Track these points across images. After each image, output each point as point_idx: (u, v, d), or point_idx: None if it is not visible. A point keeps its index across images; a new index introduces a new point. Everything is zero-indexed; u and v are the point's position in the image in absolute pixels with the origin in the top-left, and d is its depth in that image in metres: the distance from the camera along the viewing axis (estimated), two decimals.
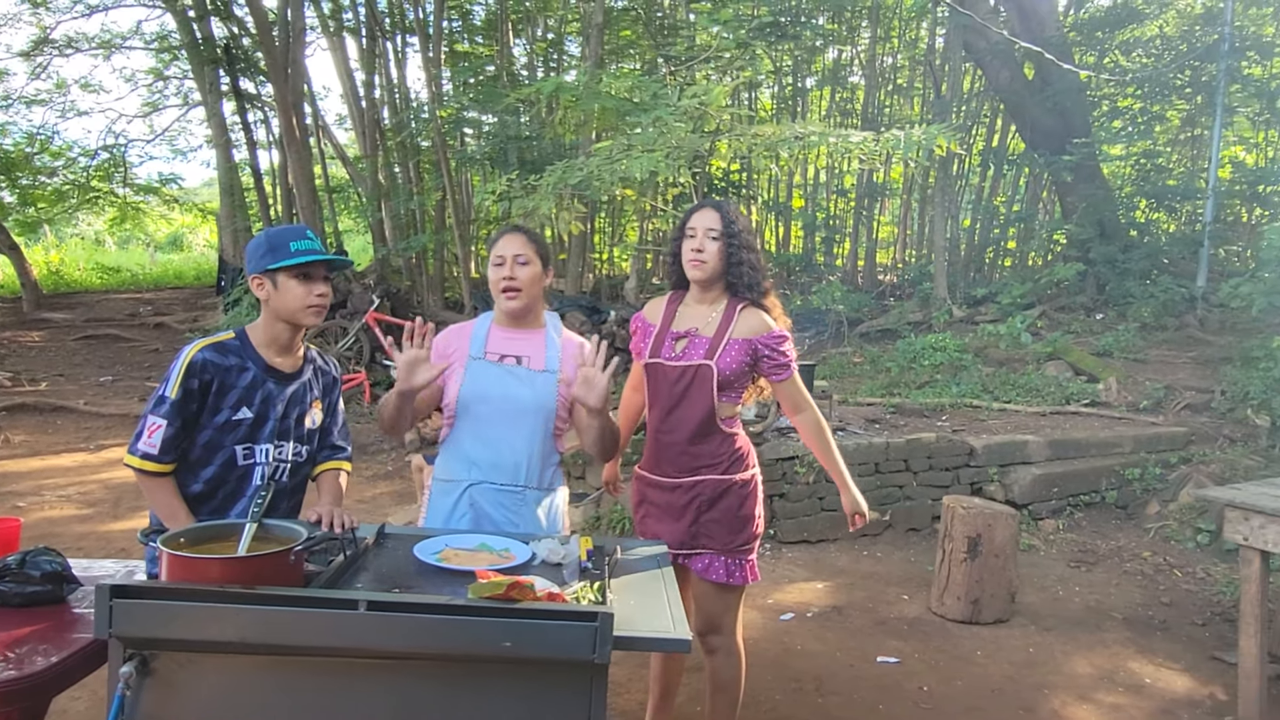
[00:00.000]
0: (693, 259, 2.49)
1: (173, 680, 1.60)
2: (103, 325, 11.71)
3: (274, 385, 2.21)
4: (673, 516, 2.54)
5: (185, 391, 2.11)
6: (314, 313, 2.21)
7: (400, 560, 2.00)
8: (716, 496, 2.52)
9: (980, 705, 3.47)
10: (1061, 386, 7.33)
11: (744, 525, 2.55)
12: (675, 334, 2.56)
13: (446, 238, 11.05)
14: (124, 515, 5.40)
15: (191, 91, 16.47)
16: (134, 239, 24.78)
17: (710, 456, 2.52)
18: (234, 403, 2.16)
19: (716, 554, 2.53)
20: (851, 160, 13.51)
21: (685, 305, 2.61)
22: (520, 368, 2.44)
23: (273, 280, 2.17)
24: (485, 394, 2.39)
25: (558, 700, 1.63)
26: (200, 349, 2.16)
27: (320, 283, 2.21)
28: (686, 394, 2.50)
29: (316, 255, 2.17)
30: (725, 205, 2.54)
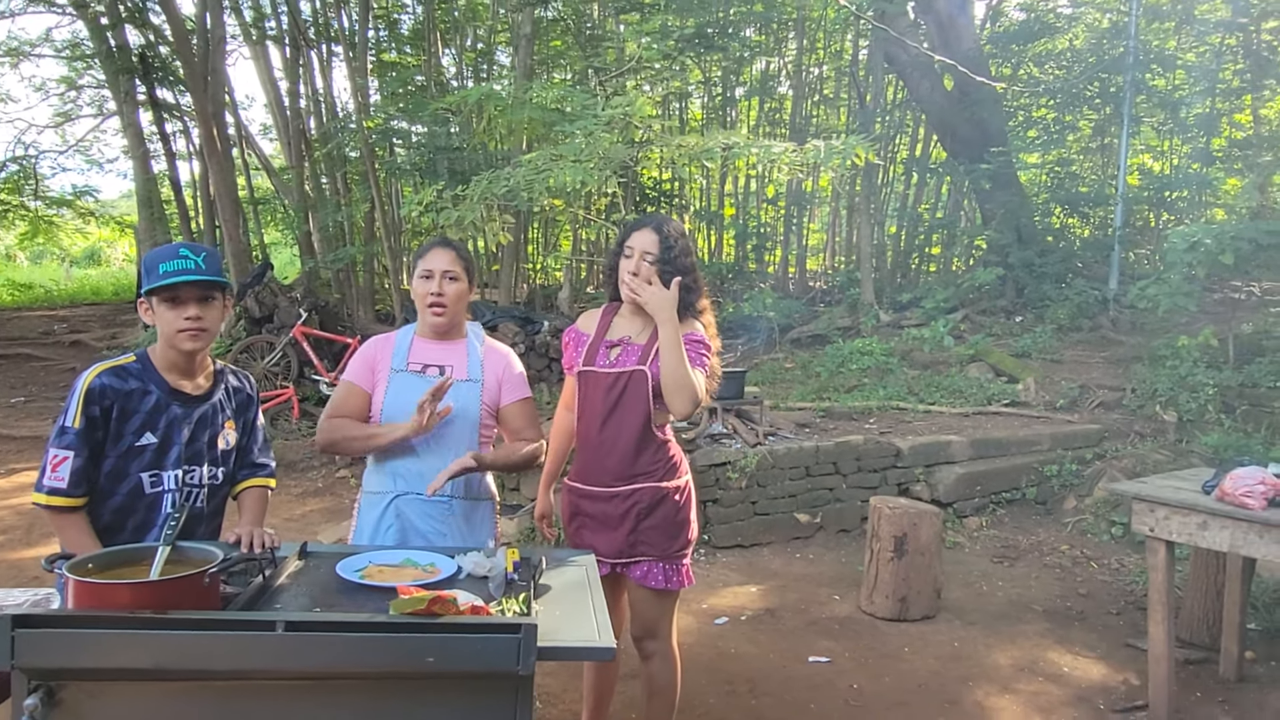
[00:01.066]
0: (630, 283, 2.48)
1: (81, 711, 1.55)
2: (14, 344, 11.20)
3: (179, 408, 2.14)
4: (610, 526, 2.54)
5: (88, 419, 2.03)
6: (187, 338, 2.08)
7: (323, 579, 1.98)
8: (654, 504, 2.52)
9: (907, 700, 3.57)
10: (983, 387, 7.58)
11: (680, 531, 2.57)
12: (609, 342, 2.57)
13: (376, 249, 10.89)
14: (36, 542, 5.18)
15: (106, 101, 15.89)
16: (48, 254, 23.76)
17: (647, 464, 2.52)
18: (136, 428, 2.08)
19: (654, 560, 2.54)
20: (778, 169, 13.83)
21: (620, 316, 2.62)
22: (443, 377, 2.44)
23: (151, 305, 2.10)
24: (408, 406, 2.38)
25: (483, 713, 1.64)
26: (98, 374, 2.08)
27: (191, 305, 2.06)
28: (621, 401, 2.50)
29: (179, 277, 2.03)
30: (664, 226, 2.51)
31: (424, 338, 2.51)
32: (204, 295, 2.10)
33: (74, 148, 17.11)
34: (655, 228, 2.50)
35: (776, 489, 5.55)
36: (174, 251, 2.08)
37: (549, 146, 4.82)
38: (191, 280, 2.05)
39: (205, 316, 2.10)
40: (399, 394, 2.41)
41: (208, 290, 2.10)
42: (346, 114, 11.74)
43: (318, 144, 11.81)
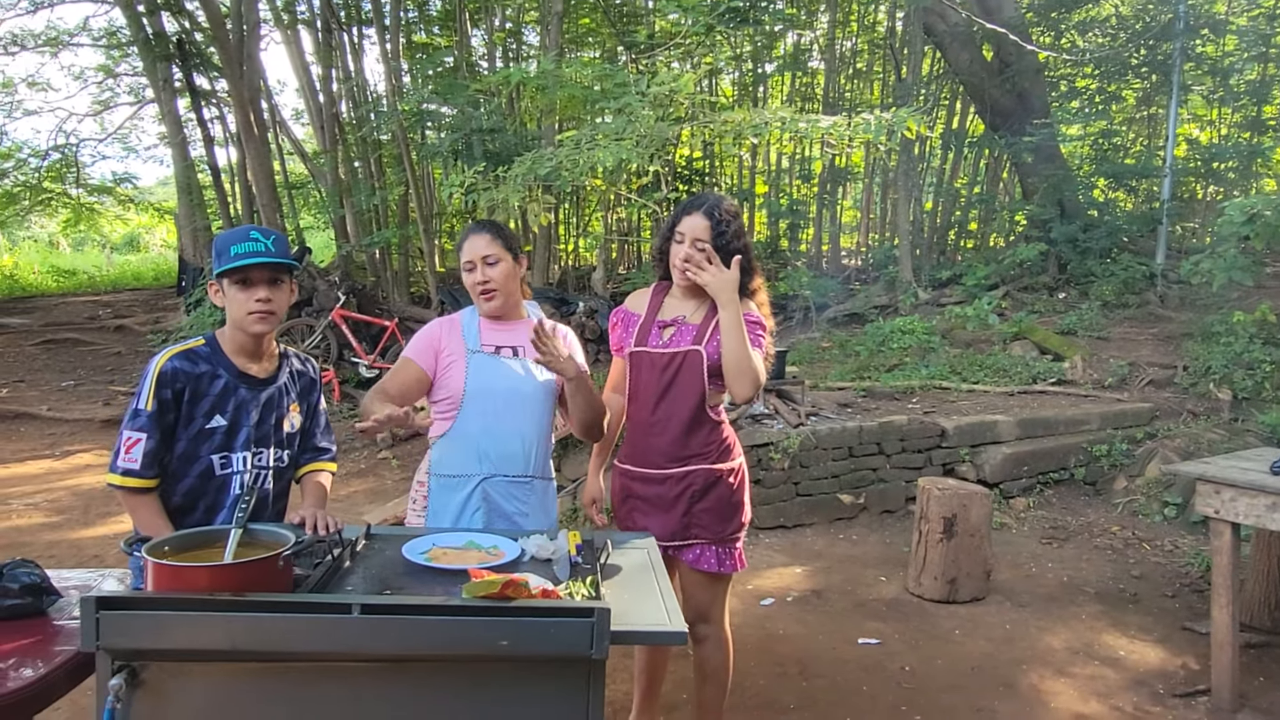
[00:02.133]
0: (682, 267, 2.43)
1: (163, 691, 1.57)
2: (61, 329, 11.43)
3: (247, 391, 2.15)
4: (662, 508, 2.52)
5: (160, 402, 2.06)
6: (256, 320, 2.09)
7: (388, 561, 1.98)
8: (708, 486, 2.49)
9: (961, 683, 3.53)
10: (1028, 366, 7.45)
11: (734, 514, 2.54)
12: (662, 322, 2.52)
13: (411, 232, 10.92)
14: (94, 522, 5.29)
15: (143, 89, 16.09)
16: (89, 240, 24.22)
17: (700, 446, 2.49)
18: (206, 411, 2.10)
19: (708, 544, 2.52)
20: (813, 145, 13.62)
21: (672, 296, 2.57)
22: (518, 359, 2.45)
23: (222, 287, 2.12)
24: (490, 386, 2.39)
25: (556, 697, 1.63)
26: (169, 358, 2.09)
27: (261, 287, 2.08)
28: (675, 381, 2.46)
29: (250, 259, 2.05)
30: (715, 208, 2.42)
31: (488, 320, 2.50)
32: (273, 278, 2.12)
33: (113, 135, 17.37)
34: (706, 212, 2.42)
35: (819, 469, 5.50)
36: (244, 234, 2.09)
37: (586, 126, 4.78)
38: (262, 262, 2.07)
39: (274, 299, 2.12)
40: (479, 373, 2.41)
41: (277, 273, 2.12)
42: (378, 97, 11.77)
43: (351, 128, 11.86)
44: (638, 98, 3.62)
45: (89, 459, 6.69)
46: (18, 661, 1.74)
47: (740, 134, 3.68)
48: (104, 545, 4.85)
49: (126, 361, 10.00)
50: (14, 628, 1.90)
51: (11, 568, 1.95)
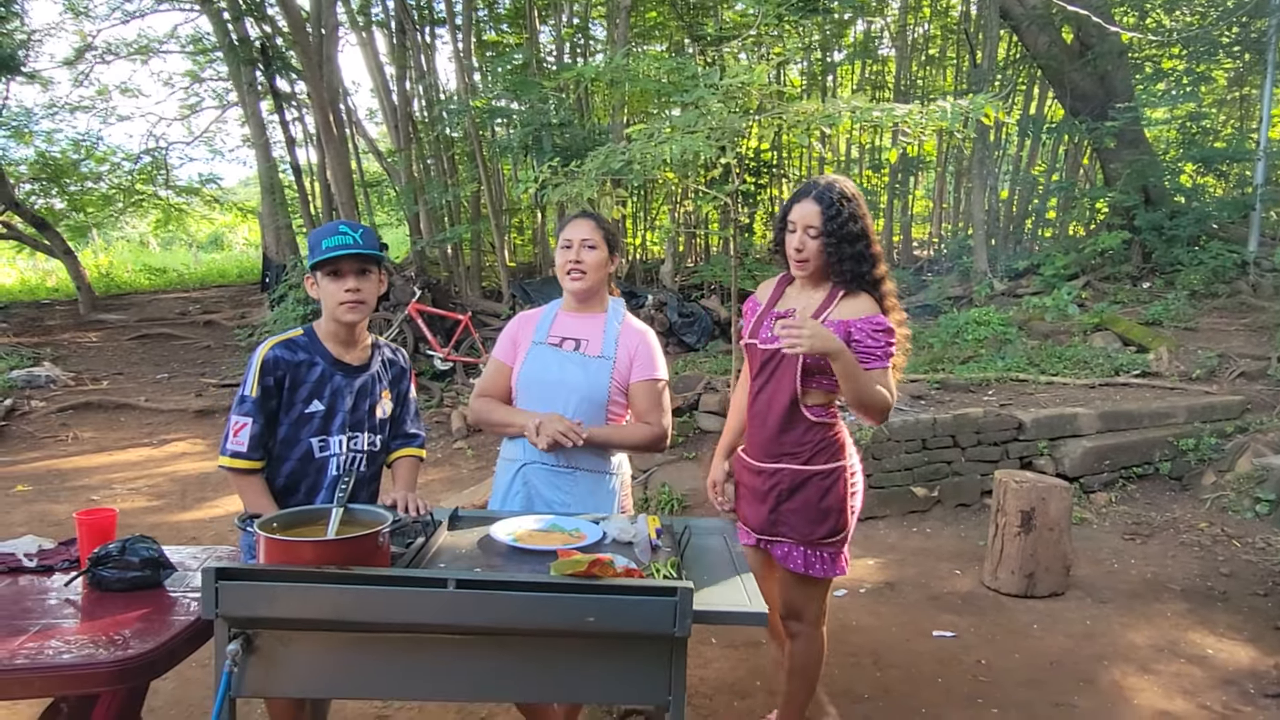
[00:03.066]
0: (795, 259, 2.38)
1: (274, 656, 1.68)
2: (155, 324, 12.01)
3: (342, 378, 2.28)
4: (757, 500, 2.52)
5: (263, 389, 2.19)
6: (347, 309, 2.20)
7: (475, 542, 2.07)
8: (795, 487, 2.44)
9: (1039, 678, 3.48)
10: (1110, 358, 7.23)
11: (824, 518, 2.44)
12: (776, 314, 2.47)
13: (482, 228, 11.14)
14: (191, 506, 5.58)
15: (228, 93, 16.74)
16: (177, 240, 25.29)
17: (792, 445, 2.44)
18: (305, 397, 2.23)
19: (795, 544, 2.48)
20: (884, 135, 13.36)
21: (794, 286, 2.52)
22: (576, 353, 2.50)
23: (316, 279, 2.24)
24: (540, 377, 2.46)
25: (640, 672, 1.69)
26: (271, 347, 2.23)
27: (350, 278, 2.19)
28: (773, 377, 2.44)
29: (339, 251, 2.16)
30: (827, 194, 2.31)
31: (567, 310, 2.57)
32: (362, 269, 2.23)
33: (199, 138, 18.12)
34: (816, 197, 2.33)
35: (892, 462, 5.45)
36: (334, 229, 2.22)
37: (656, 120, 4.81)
38: (350, 254, 2.18)
39: (363, 289, 2.23)
40: (533, 366, 2.48)
41: (365, 264, 2.23)
42: (449, 96, 12.02)
43: (424, 126, 12.14)
44: (710, 90, 3.64)
45: (184, 447, 7.05)
46: (141, 630, 1.88)
47: (811, 125, 3.67)
48: (200, 528, 5.12)
49: (215, 355, 10.46)
50: (135, 598, 2.04)
51: (131, 543, 2.09)
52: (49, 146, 16.21)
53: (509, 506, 2.47)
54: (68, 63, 15.27)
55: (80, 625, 1.87)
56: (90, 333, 11.57)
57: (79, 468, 6.43)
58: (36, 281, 17.70)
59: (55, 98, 16.42)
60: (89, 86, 16.49)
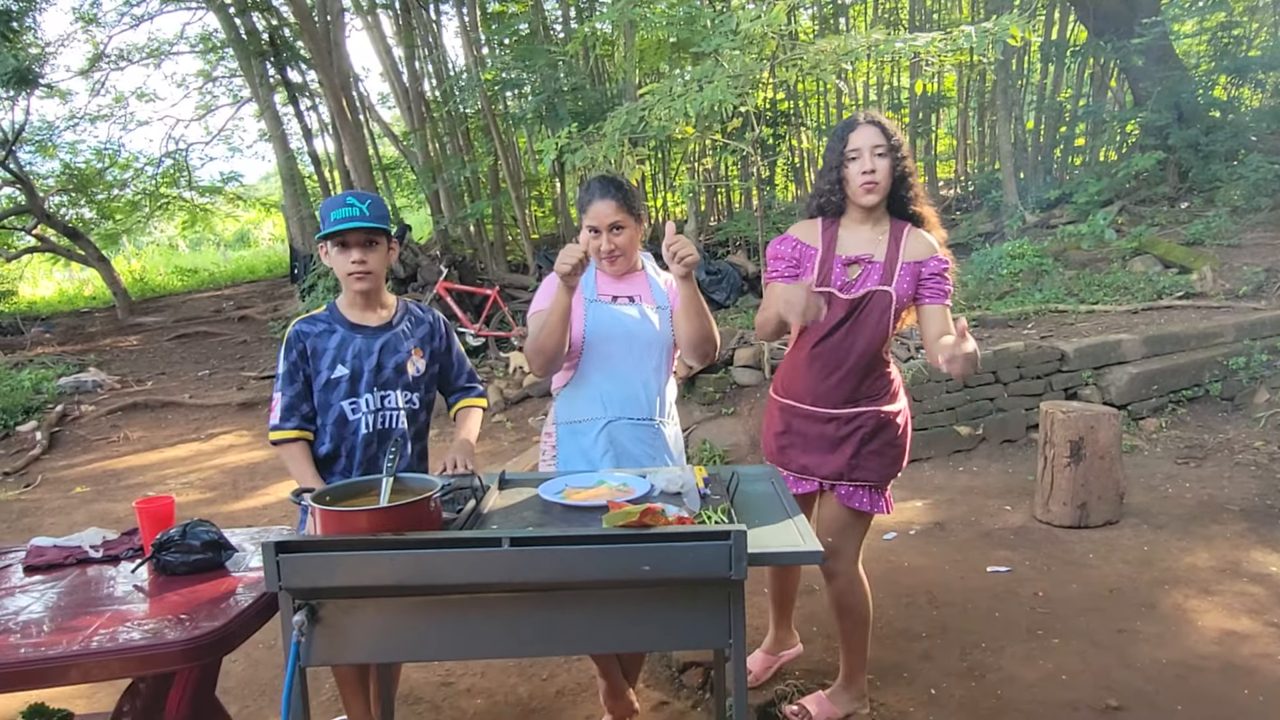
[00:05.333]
0: (865, 182, 2.32)
1: (338, 624, 1.71)
2: (192, 324, 12.21)
3: (361, 340, 2.34)
4: (826, 447, 2.49)
5: (290, 364, 2.30)
6: (355, 280, 2.28)
7: (525, 503, 2.08)
8: (878, 429, 2.46)
9: (1099, 606, 3.45)
10: (1151, 281, 7.07)
11: (899, 456, 2.52)
12: (844, 260, 2.41)
13: (503, 201, 11.12)
14: (243, 496, 5.70)
15: (240, 89, 16.81)
16: (204, 240, 25.62)
17: (872, 388, 2.45)
18: (329, 363, 2.30)
19: (864, 485, 2.49)
20: (903, 73, 13.03)
21: (845, 229, 2.45)
22: (636, 305, 2.50)
23: (328, 249, 2.31)
24: (610, 333, 2.45)
25: (699, 618, 1.69)
26: (294, 323, 2.34)
27: (356, 250, 2.25)
28: (859, 324, 2.40)
29: (346, 224, 2.21)
30: (881, 119, 2.35)
31: (603, 271, 2.55)
32: (368, 240, 2.28)
33: (216, 137, 18.24)
34: (870, 120, 2.36)
35: (933, 403, 5.40)
36: (342, 200, 2.27)
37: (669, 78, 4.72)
38: (356, 227, 2.23)
39: (369, 260, 2.28)
40: (598, 321, 2.46)
41: (372, 235, 2.28)
42: (459, 71, 11.93)
43: (435, 104, 12.09)
44: (727, 37, 3.56)
45: (231, 440, 7.18)
46: (208, 609, 1.92)
47: (830, 64, 3.57)
48: (253, 516, 5.22)
49: (253, 349, 10.61)
50: (198, 580, 2.08)
51: (192, 527, 2.13)
52: (73, 157, 16.45)
53: (601, 466, 2.40)
54: (83, 72, 15.41)
55: (150, 608, 1.91)
56: (130, 336, 11.80)
57: (132, 466, 6.58)
58: (74, 291, 18.07)
59: (75, 109, 16.62)
60: (106, 95, 16.66)
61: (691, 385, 6.12)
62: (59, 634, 1.79)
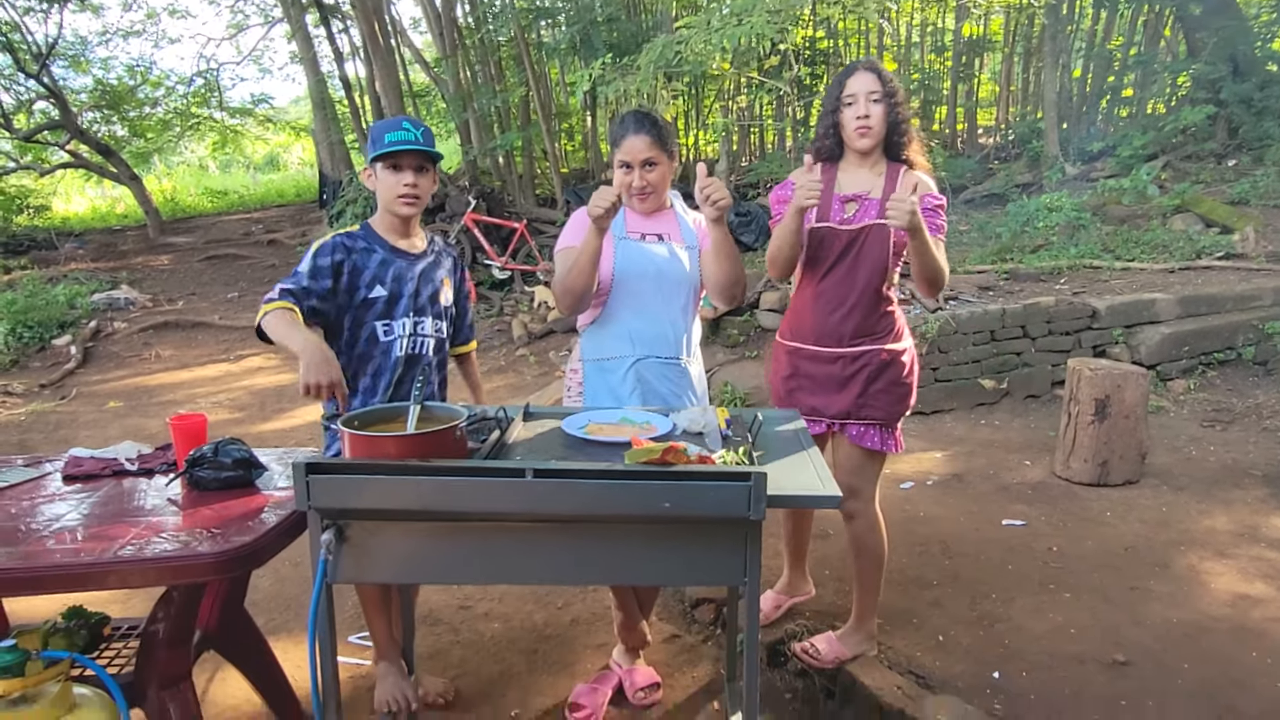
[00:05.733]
0: (859, 126, 2.39)
1: (364, 545, 1.76)
2: (221, 246, 12.30)
3: (403, 263, 2.34)
4: (833, 387, 2.52)
5: (317, 266, 2.22)
6: (403, 203, 2.27)
7: (548, 436, 2.11)
8: (883, 366, 2.49)
9: (1112, 563, 3.47)
10: (1191, 240, 6.91)
11: (906, 395, 2.55)
12: (842, 197, 2.46)
13: (534, 133, 10.98)
14: (270, 418, 5.81)
15: (272, 8, 16.60)
16: (234, 162, 25.64)
17: (876, 325, 2.49)
18: (368, 281, 2.29)
19: (874, 423, 2.53)
20: (947, 14, 12.59)
21: (843, 171, 2.51)
22: (665, 243, 2.48)
23: (374, 171, 2.29)
24: (640, 270, 2.44)
25: (716, 555, 1.72)
26: (327, 238, 2.30)
27: (409, 172, 2.25)
28: (859, 258, 2.43)
29: (402, 146, 2.22)
30: (877, 65, 2.41)
31: (632, 209, 2.53)
32: (420, 165, 2.29)
33: (247, 58, 18.14)
34: (868, 67, 2.42)
35: (959, 355, 5.36)
36: (397, 124, 2.26)
37: (709, 10, 4.59)
38: (411, 150, 2.22)
39: (419, 184, 2.29)
40: (627, 258, 2.45)
41: (423, 160, 2.29)
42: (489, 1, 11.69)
43: (468, 31, 11.88)
44: None
45: (259, 362, 7.30)
46: (238, 526, 1.97)
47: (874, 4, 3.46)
48: (281, 437, 5.33)
49: (281, 273, 10.68)
50: (229, 496, 2.14)
51: (224, 444, 2.19)
52: (105, 73, 16.41)
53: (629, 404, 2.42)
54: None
55: (182, 521, 1.97)
56: (161, 255, 11.92)
57: (163, 384, 6.72)
58: (107, 209, 18.22)
59: (107, 24, 16.50)
60: (138, 10, 16.54)
61: (716, 327, 6.11)
62: (96, 541, 1.85)
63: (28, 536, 1.90)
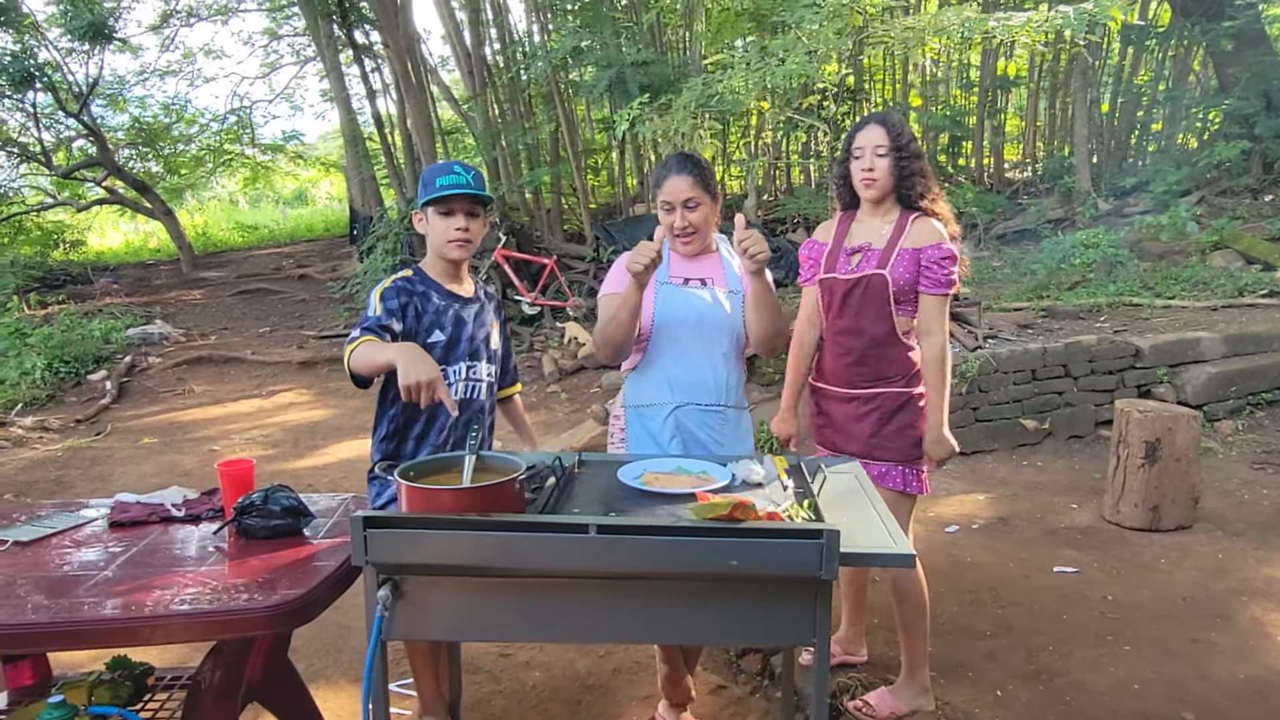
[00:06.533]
0: (864, 178, 2.45)
1: (420, 600, 1.71)
2: (253, 280, 12.43)
3: (458, 306, 2.32)
4: (850, 427, 2.56)
5: (387, 309, 2.19)
6: (455, 247, 2.27)
7: (603, 485, 2.05)
8: (896, 409, 2.51)
9: (1171, 613, 3.35)
10: (1233, 277, 6.79)
11: (919, 437, 2.52)
12: (849, 249, 2.55)
13: (563, 170, 11.06)
14: (304, 454, 5.80)
15: (304, 48, 16.95)
16: (263, 197, 26.06)
17: (888, 369, 2.51)
18: (428, 326, 2.27)
19: (894, 464, 2.52)
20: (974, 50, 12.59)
21: (858, 222, 2.58)
22: (708, 288, 2.45)
23: (426, 216, 2.28)
24: (681, 316, 2.41)
25: (783, 615, 1.66)
26: (389, 284, 2.27)
27: (460, 216, 2.25)
28: (862, 306, 2.49)
29: (453, 190, 2.21)
30: (890, 118, 2.46)
31: (676, 252, 2.51)
32: (471, 209, 2.28)
33: (279, 95, 18.49)
34: (879, 121, 2.47)
35: (1000, 394, 5.27)
36: (449, 168, 2.26)
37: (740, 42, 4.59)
38: (463, 194, 2.22)
39: (471, 228, 2.29)
40: (668, 304, 2.43)
41: (475, 205, 2.28)
42: (519, 40, 11.84)
43: (497, 70, 12.03)
44: (811, 9, 3.45)
45: (292, 397, 7.32)
46: (289, 578, 1.93)
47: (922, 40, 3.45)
48: (314, 475, 5.31)
49: (312, 308, 10.77)
50: (278, 546, 2.11)
51: (273, 491, 2.16)
52: (141, 111, 16.78)
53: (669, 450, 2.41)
54: (154, 28, 15.65)
55: (232, 572, 1.94)
56: (194, 290, 12.06)
57: (196, 419, 6.74)
58: (140, 243, 18.53)
59: (145, 64, 16.89)
60: (175, 50, 16.95)
61: (751, 366, 6.05)
62: (145, 593, 1.82)
63: (74, 587, 1.87)
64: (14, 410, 6.84)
